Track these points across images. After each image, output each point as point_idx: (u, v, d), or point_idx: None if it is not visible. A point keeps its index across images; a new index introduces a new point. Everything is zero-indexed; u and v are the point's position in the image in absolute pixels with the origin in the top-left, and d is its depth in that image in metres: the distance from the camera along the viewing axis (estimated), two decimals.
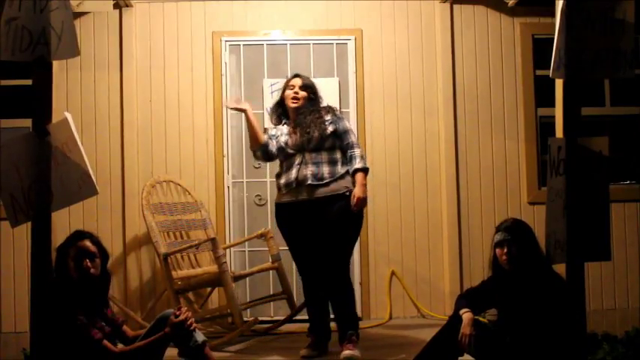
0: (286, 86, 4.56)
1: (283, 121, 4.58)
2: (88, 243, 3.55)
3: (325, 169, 4.32)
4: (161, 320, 3.60)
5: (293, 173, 4.35)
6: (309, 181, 4.29)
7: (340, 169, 4.35)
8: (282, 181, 4.42)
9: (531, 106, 5.78)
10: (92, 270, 3.51)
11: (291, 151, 4.42)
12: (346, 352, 4.18)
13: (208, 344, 3.64)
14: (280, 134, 4.51)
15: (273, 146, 4.49)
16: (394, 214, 5.76)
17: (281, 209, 4.46)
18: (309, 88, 4.53)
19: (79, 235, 3.60)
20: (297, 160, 4.38)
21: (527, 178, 5.74)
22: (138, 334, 3.72)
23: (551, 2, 3.83)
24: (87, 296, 3.52)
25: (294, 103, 4.48)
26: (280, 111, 4.60)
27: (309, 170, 4.32)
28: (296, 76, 4.61)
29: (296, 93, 4.48)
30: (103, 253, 3.62)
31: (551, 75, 3.47)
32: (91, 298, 3.55)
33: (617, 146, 5.53)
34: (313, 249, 4.33)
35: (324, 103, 4.59)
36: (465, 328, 3.62)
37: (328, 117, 4.43)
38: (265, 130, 4.72)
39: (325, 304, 4.46)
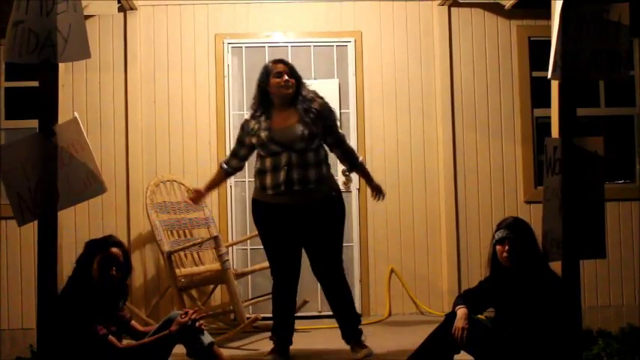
0: (270, 72, 4.17)
1: (259, 112, 4.23)
2: (119, 252, 3.59)
3: (312, 173, 4.12)
4: (169, 321, 3.64)
5: (281, 176, 4.10)
6: (297, 187, 4.09)
7: (325, 171, 4.21)
8: (269, 181, 4.14)
9: (528, 107, 5.80)
10: (115, 280, 3.56)
11: (276, 148, 4.11)
12: (365, 351, 4.19)
13: (216, 344, 3.68)
14: (258, 128, 4.17)
15: (242, 155, 4.35)
16: (393, 214, 5.79)
17: (267, 209, 4.21)
18: (297, 74, 4.20)
19: (113, 242, 3.62)
20: (284, 161, 4.10)
21: (523, 178, 5.76)
22: (149, 329, 3.76)
23: (547, 5, 3.88)
24: (99, 301, 3.55)
25: (285, 91, 4.13)
26: (264, 102, 4.22)
27: (295, 174, 4.08)
28: (280, 61, 4.23)
29: (286, 81, 4.13)
30: (128, 267, 3.67)
31: (549, 77, 3.52)
32: (103, 304, 3.58)
33: (612, 146, 5.55)
34: (296, 252, 4.25)
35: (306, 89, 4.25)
36: (459, 322, 3.63)
37: (316, 106, 4.15)
38: (244, 125, 4.30)
39: (293, 307, 4.35)
